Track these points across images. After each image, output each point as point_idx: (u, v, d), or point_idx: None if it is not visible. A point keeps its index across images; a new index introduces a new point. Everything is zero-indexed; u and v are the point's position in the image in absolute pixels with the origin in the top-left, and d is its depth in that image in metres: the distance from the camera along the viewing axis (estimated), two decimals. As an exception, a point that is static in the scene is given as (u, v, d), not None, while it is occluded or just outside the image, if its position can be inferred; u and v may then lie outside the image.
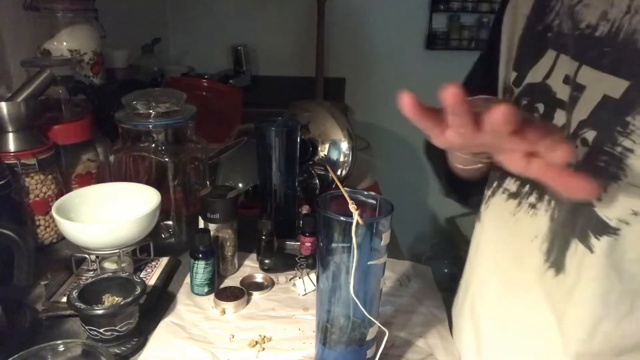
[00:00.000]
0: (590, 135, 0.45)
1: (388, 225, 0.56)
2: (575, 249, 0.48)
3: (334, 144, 1.19)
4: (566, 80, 0.50)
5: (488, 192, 0.63)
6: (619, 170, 0.43)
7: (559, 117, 0.51)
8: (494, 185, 0.61)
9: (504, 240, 0.60)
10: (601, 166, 0.44)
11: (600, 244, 0.45)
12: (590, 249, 0.46)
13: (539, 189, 0.54)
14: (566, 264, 0.49)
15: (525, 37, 0.58)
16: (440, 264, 2.37)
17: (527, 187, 0.55)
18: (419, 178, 2.57)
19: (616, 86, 0.43)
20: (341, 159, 1.19)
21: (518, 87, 0.57)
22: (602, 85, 0.45)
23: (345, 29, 2.33)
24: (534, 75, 0.55)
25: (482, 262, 0.65)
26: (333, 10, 2.17)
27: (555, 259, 0.51)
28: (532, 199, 0.54)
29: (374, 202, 0.60)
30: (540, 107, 0.54)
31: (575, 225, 0.48)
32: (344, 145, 1.19)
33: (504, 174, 0.59)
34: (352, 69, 2.41)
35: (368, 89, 2.45)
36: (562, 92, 0.51)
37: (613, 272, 0.45)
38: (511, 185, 0.58)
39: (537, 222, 0.53)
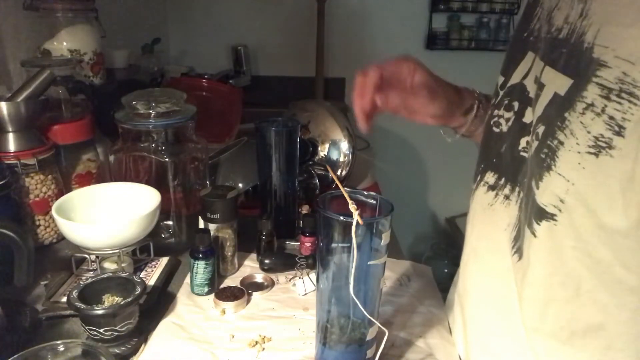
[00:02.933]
0: (540, 129, 0.49)
1: (388, 225, 0.56)
2: (526, 235, 0.52)
3: (334, 144, 1.19)
4: (535, 80, 0.54)
5: (473, 185, 0.67)
6: (552, 162, 0.47)
7: (528, 114, 0.55)
8: (477, 178, 0.65)
9: (482, 230, 0.64)
10: (542, 157, 0.48)
11: (541, 228, 0.49)
12: (533, 233, 0.50)
13: (512, 181, 0.57)
14: (523, 249, 0.53)
15: (512, 43, 0.63)
16: (440, 264, 2.37)
17: (502, 180, 0.59)
18: (419, 178, 2.58)
19: (563, 84, 0.47)
20: (341, 159, 1.19)
21: (503, 90, 0.61)
22: (555, 83, 0.49)
23: (345, 29, 2.33)
24: (516, 77, 0.59)
25: (467, 252, 0.69)
26: (333, 10, 2.17)
27: (519, 246, 0.55)
28: (507, 190, 0.58)
29: (374, 202, 0.60)
30: (516, 105, 0.58)
31: (527, 212, 0.52)
32: (344, 145, 1.19)
33: (485, 167, 0.63)
34: (352, 69, 2.39)
35: (368, 89, 2.45)
36: (533, 91, 0.55)
37: (555, 257, 0.49)
38: (490, 178, 0.62)
39: (509, 212, 0.57)
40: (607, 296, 0.47)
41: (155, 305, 0.78)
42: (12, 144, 0.88)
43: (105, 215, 0.87)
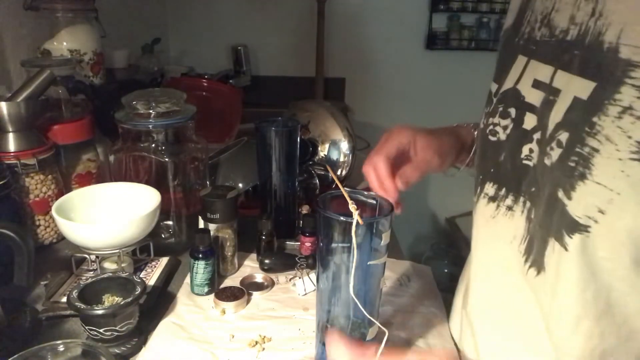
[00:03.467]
0: (563, 136, 0.47)
1: (388, 225, 0.56)
2: (553, 248, 0.49)
3: (334, 144, 1.19)
4: (536, 84, 0.52)
5: (474, 198, 0.65)
6: (586, 170, 0.44)
7: (529, 120, 0.53)
8: (477, 190, 0.63)
9: (487, 243, 0.62)
10: (572, 166, 0.45)
11: (573, 241, 0.46)
12: (565, 247, 0.47)
13: (514, 192, 0.56)
14: (545, 263, 0.51)
15: (502, 50, 0.61)
16: (440, 264, 2.37)
17: (503, 191, 0.57)
18: (419, 178, 2.58)
19: (585, 88, 0.45)
20: (341, 159, 1.19)
21: (496, 97, 0.60)
22: (573, 87, 0.46)
23: (345, 29, 2.33)
24: (508, 83, 0.57)
25: (474, 269, 0.67)
26: (333, 10, 2.17)
27: (535, 259, 0.52)
28: (509, 201, 0.56)
29: (374, 202, 0.60)
30: (512, 112, 0.56)
31: (551, 224, 0.49)
32: (344, 145, 1.19)
33: (483, 179, 0.62)
34: (352, 69, 2.41)
35: (368, 89, 2.45)
36: (531, 96, 0.53)
37: (587, 270, 0.47)
38: (489, 189, 0.60)
39: (515, 223, 0.55)
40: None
41: (155, 305, 0.78)
42: (12, 144, 0.88)
43: (105, 215, 0.87)
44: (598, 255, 0.45)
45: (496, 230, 0.58)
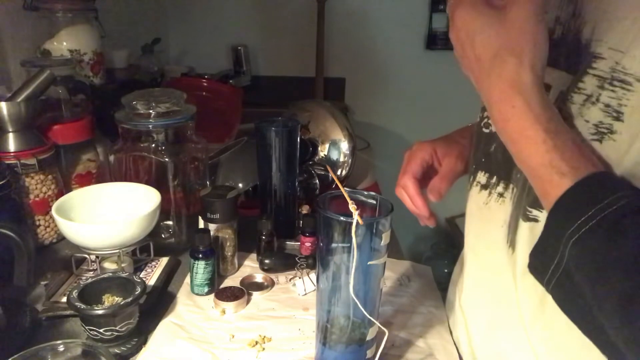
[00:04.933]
0: None
1: (388, 225, 0.57)
2: (522, 225, 0.53)
3: (334, 144, 1.19)
4: None
5: (467, 186, 0.68)
6: None
7: None
8: (470, 179, 0.66)
9: (479, 229, 0.65)
10: None
11: (543, 214, 0.50)
12: (535, 219, 0.51)
13: (505, 179, 0.58)
14: (516, 241, 0.54)
15: None
16: (440, 264, 2.36)
17: (494, 179, 0.60)
18: (419, 178, 2.58)
19: (566, 81, 0.49)
20: (341, 159, 1.19)
21: None
22: (559, 82, 0.50)
23: (345, 29, 2.33)
24: None
25: (465, 251, 0.70)
26: (333, 10, 2.17)
27: (511, 239, 0.56)
28: (500, 189, 0.59)
29: (374, 202, 0.60)
30: None
31: (522, 205, 0.53)
32: (344, 145, 1.19)
33: (476, 168, 0.64)
34: (352, 69, 2.41)
35: (368, 89, 2.45)
36: None
37: None
38: (481, 177, 0.63)
39: (504, 208, 0.58)
40: None
41: (155, 305, 0.78)
42: (12, 144, 0.88)
43: (105, 215, 0.87)
44: None
45: (489, 216, 0.61)
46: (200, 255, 0.80)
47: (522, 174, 0.53)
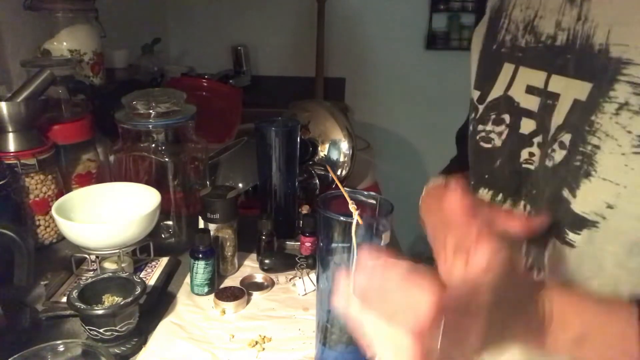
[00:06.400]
0: (566, 138, 0.48)
1: (388, 225, 0.56)
2: (554, 246, 0.50)
3: (334, 144, 1.19)
4: (530, 90, 0.53)
5: None
6: (590, 167, 0.45)
7: (526, 125, 0.54)
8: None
9: None
10: (577, 165, 0.46)
11: (581, 237, 0.47)
12: (570, 244, 0.48)
13: (513, 196, 0.55)
14: (545, 263, 0.51)
15: (482, 57, 0.62)
16: (440, 264, 2.36)
17: (500, 196, 0.57)
18: (419, 178, 2.58)
19: (582, 89, 0.46)
20: (341, 159, 1.19)
21: (482, 104, 0.60)
22: (571, 90, 0.48)
23: (345, 29, 2.33)
24: (497, 90, 0.58)
25: None
26: (333, 10, 2.17)
27: (535, 259, 0.53)
28: (507, 206, 0.56)
29: (374, 202, 0.60)
30: (507, 118, 0.56)
31: (557, 220, 0.50)
32: (344, 145, 1.19)
33: (476, 185, 0.61)
34: (352, 69, 2.41)
35: (368, 89, 2.45)
36: (526, 101, 0.54)
37: (594, 263, 0.48)
38: (484, 195, 0.60)
39: None
40: None
41: (155, 305, 0.78)
42: (12, 144, 0.88)
43: (105, 215, 0.87)
44: (607, 249, 0.46)
45: None
46: (200, 255, 0.80)
47: (537, 190, 0.51)
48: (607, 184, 0.44)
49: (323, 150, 1.19)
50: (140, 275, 0.83)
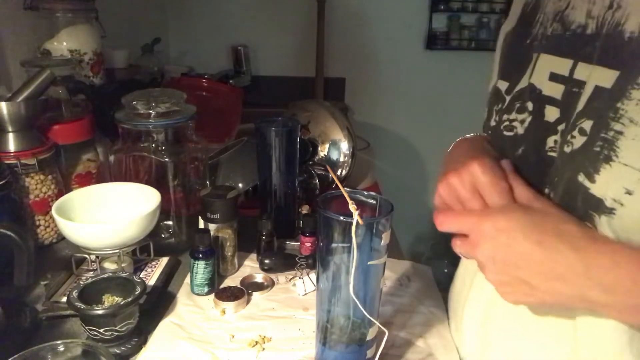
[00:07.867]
0: (587, 124, 0.48)
1: (388, 225, 0.57)
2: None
3: (334, 144, 1.19)
4: (554, 77, 0.53)
5: None
6: (612, 152, 0.45)
7: (550, 113, 0.54)
8: None
9: None
10: (597, 151, 0.47)
11: (602, 220, 0.47)
12: (595, 226, 0.48)
13: (538, 183, 0.55)
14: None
15: (510, 49, 0.62)
16: (440, 264, 2.36)
17: None
18: (419, 178, 2.58)
19: (608, 77, 0.46)
20: (341, 159, 1.19)
21: (510, 95, 0.60)
22: (594, 77, 0.48)
23: (345, 29, 2.33)
24: (524, 81, 0.58)
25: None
26: (333, 10, 2.17)
27: None
28: None
29: (374, 202, 0.60)
30: (530, 106, 0.57)
31: (576, 206, 0.50)
32: (344, 145, 1.19)
33: None
34: (352, 69, 2.41)
35: (368, 89, 2.45)
36: (549, 89, 0.54)
37: None
38: None
39: None
40: None
41: (155, 305, 0.78)
42: (12, 144, 0.88)
43: (105, 215, 0.87)
44: (624, 235, 0.46)
45: None
46: (200, 255, 0.80)
47: (557, 176, 0.51)
48: (627, 170, 0.44)
49: (323, 150, 1.19)
50: (140, 275, 0.83)
